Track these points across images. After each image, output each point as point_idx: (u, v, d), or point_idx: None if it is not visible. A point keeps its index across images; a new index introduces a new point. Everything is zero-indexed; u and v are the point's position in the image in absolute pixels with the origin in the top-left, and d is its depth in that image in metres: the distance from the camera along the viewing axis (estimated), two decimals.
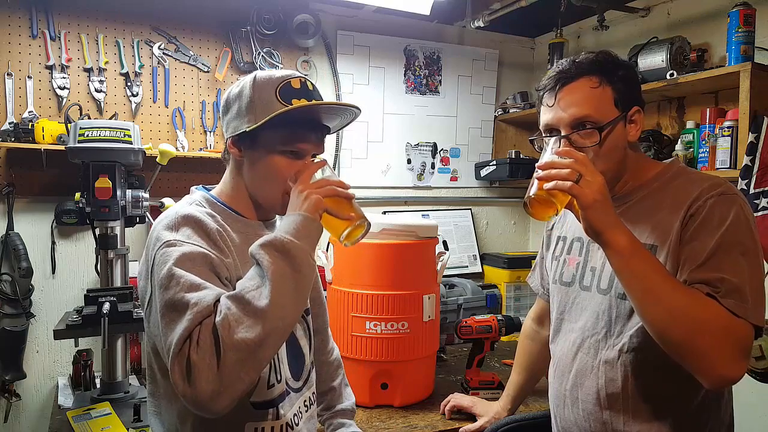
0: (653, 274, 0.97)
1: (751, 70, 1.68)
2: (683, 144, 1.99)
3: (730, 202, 1.02)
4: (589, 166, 1.00)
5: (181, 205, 1.09)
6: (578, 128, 1.10)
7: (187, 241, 0.97)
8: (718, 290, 0.97)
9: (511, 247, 2.98)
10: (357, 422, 1.40)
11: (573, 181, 0.98)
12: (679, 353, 0.98)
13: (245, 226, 1.12)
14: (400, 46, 2.64)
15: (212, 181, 1.20)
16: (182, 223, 1.00)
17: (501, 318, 1.87)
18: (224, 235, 1.04)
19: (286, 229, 0.96)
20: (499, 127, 2.90)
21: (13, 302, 1.99)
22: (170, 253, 0.94)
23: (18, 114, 1.97)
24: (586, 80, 1.10)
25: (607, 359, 1.13)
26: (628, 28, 2.40)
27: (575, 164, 0.99)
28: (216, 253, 0.99)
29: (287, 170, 1.06)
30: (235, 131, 1.08)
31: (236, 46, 2.29)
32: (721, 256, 0.99)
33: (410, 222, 1.80)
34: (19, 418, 2.04)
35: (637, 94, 1.15)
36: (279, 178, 1.07)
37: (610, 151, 1.10)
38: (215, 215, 1.08)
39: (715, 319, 0.95)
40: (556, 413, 1.27)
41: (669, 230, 1.06)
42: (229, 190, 1.15)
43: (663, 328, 0.98)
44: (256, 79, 1.08)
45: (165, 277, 0.92)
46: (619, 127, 1.11)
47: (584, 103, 1.09)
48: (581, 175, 0.98)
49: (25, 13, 1.98)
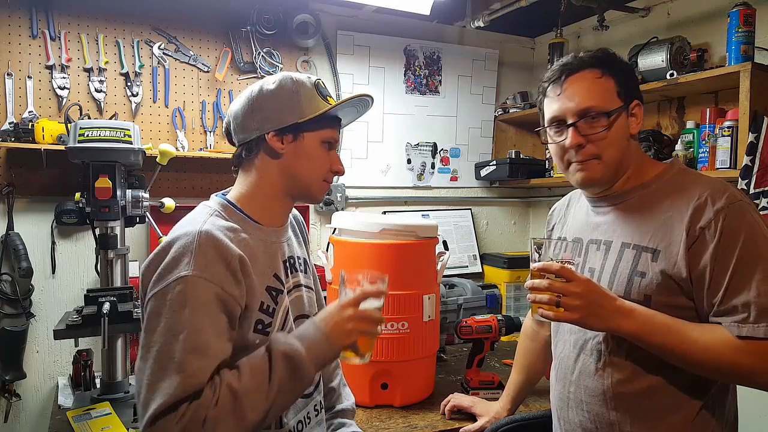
0: (666, 338, 1.03)
1: (751, 70, 1.68)
2: (683, 144, 1.99)
3: (741, 213, 1.03)
4: (564, 283, 1.05)
5: (201, 216, 1.07)
6: (584, 116, 1.12)
7: (203, 275, 0.96)
8: (747, 317, 0.98)
9: (511, 247, 2.97)
10: (357, 422, 1.40)
11: (554, 304, 1.05)
12: (726, 382, 1.09)
13: (264, 233, 1.13)
14: (400, 46, 2.64)
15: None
16: (203, 246, 0.98)
17: (501, 318, 1.86)
18: (245, 260, 1.02)
19: (309, 344, 1.01)
20: (499, 127, 2.90)
21: (13, 302, 1.99)
22: (187, 296, 0.94)
23: (18, 114, 1.98)
24: (589, 72, 1.13)
25: (612, 360, 1.13)
26: (628, 28, 2.40)
27: (552, 287, 1.05)
28: (231, 288, 0.98)
29: (326, 160, 1.15)
30: (278, 124, 1.10)
31: (236, 46, 2.29)
32: (743, 274, 0.99)
33: (410, 222, 1.80)
34: (19, 418, 2.04)
35: (636, 89, 1.18)
36: (324, 164, 1.15)
37: (616, 139, 1.12)
38: (236, 226, 1.07)
39: (745, 355, 0.98)
40: (560, 416, 1.26)
41: (672, 235, 1.06)
42: (247, 193, 1.14)
43: (698, 373, 1.05)
44: (294, 78, 1.13)
45: (174, 323, 0.93)
46: (622, 117, 1.13)
47: (589, 92, 1.12)
48: (560, 296, 1.04)
49: (25, 13, 1.98)
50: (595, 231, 1.22)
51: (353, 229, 1.76)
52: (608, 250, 1.17)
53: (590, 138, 1.12)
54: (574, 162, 1.15)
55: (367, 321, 1.06)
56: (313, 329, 1.03)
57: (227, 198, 1.15)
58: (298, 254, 1.25)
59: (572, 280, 1.04)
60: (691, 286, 1.05)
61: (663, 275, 1.06)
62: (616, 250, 1.15)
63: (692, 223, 1.04)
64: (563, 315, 1.05)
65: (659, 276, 1.07)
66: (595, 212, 1.24)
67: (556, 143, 1.17)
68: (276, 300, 1.10)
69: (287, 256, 1.19)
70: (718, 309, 1.01)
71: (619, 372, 1.12)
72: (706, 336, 1.01)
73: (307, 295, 1.25)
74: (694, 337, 1.01)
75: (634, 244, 1.12)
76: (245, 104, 1.12)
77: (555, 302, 1.04)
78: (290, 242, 1.23)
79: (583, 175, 1.15)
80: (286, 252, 1.19)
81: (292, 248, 1.23)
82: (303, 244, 1.33)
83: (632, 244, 1.12)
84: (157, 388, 0.89)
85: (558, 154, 1.18)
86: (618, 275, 1.13)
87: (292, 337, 1.02)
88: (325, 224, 2.51)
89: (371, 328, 1.06)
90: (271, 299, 1.09)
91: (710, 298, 1.03)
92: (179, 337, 0.91)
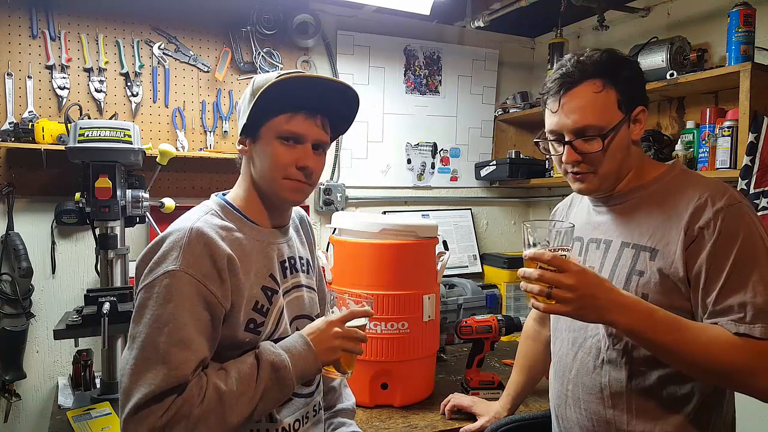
0: (665, 336, 0.99)
1: (751, 70, 1.68)
2: (683, 144, 1.99)
3: (740, 214, 1.02)
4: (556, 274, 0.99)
5: (196, 214, 1.09)
6: (581, 135, 1.11)
7: (189, 271, 0.97)
8: (743, 317, 0.97)
9: (511, 247, 2.97)
10: (357, 422, 1.40)
11: (545, 296, 0.99)
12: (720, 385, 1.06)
13: (260, 234, 1.13)
14: (400, 46, 2.64)
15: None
16: (192, 242, 1.00)
17: (501, 318, 1.87)
18: (233, 260, 1.03)
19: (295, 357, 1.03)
20: (499, 127, 2.90)
21: (13, 302, 1.99)
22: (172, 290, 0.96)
23: (18, 114, 1.97)
24: (589, 84, 1.10)
25: (610, 358, 1.13)
26: (628, 28, 2.40)
27: (542, 277, 0.99)
28: (214, 287, 0.99)
29: (285, 156, 1.08)
30: (240, 127, 1.12)
31: (236, 46, 2.29)
32: (739, 275, 0.99)
33: (410, 222, 1.80)
34: (19, 418, 2.04)
35: (641, 93, 1.15)
36: (279, 164, 1.08)
37: (613, 154, 1.11)
38: (230, 226, 1.09)
39: (744, 354, 0.96)
40: (558, 413, 1.26)
41: (671, 234, 1.06)
42: (242, 194, 1.16)
43: (693, 375, 1.03)
44: (259, 78, 1.11)
45: (160, 315, 0.95)
46: (623, 130, 1.11)
47: (587, 110, 1.09)
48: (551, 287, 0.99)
49: (25, 13, 1.98)
50: (596, 230, 1.22)
51: (353, 229, 1.76)
52: (608, 249, 1.17)
53: (586, 157, 1.11)
54: (571, 173, 1.16)
55: (352, 339, 1.09)
56: (301, 342, 1.05)
57: (225, 198, 1.16)
58: (301, 254, 1.25)
59: (565, 270, 0.98)
60: (688, 286, 1.05)
61: (660, 274, 1.06)
62: (615, 249, 1.16)
63: (691, 223, 1.04)
64: (554, 307, 1.00)
65: (657, 275, 1.07)
66: (596, 212, 1.24)
67: (556, 153, 1.18)
68: (271, 300, 1.11)
69: (287, 257, 1.19)
70: (714, 309, 1.01)
71: (617, 370, 1.12)
72: (706, 334, 0.99)
73: (308, 296, 1.25)
74: (693, 335, 0.99)
75: (633, 244, 1.12)
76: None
77: (546, 293, 0.99)
78: (291, 243, 1.23)
79: (580, 185, 1.17)
80: (285, 252, 1.19)
81: (293, 249, 1.23)
82: (307, 244, 1.32)
83: (631, 244, 1.13)
84: (140, 378, 0.91)
85: (558, 162, 1.20)
86: (617, 274, 1.13)
87: (280, 348, 1.04)
88: (325, 224, 2.51)
89: (354, 347, 1.09)
90: (266, 299, 1.10)
91: (705, 298, 1.02)
92: (164, 329, 0.93)
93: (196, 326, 0.96)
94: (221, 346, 1.03)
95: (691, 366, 1.00)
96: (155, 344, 0.93)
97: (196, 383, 0.94)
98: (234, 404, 0.95)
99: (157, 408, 0.90)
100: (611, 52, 1.13)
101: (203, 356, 0.97)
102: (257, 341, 1.07)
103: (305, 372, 1.04)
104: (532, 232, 1.04)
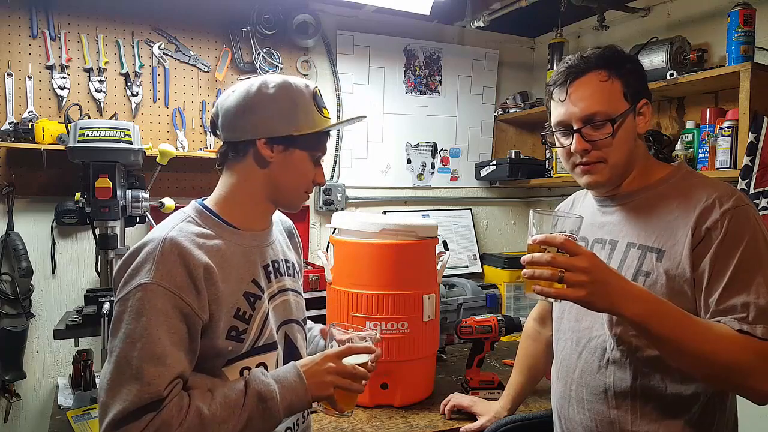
0: (674, 328, 0.96)
1: (751, 70, 1.68)
2: (683, 144, 1.99)
3: (746, 216, 1.02)
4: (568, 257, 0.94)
5: (172, 222, 1.06)
6: (590, 122, 1.11)
7: (162, 283, 0.95)
8: (745, 317, 0.97)
9: (511, 247, 2.98)
10: (357, 422, 1.39)
11: (556, 281, 0.94)
12: (716, 385, 1.04)
13: (241, 239, 1.11)
14: (400, 46, 2.64)
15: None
16: (165, 254, 0.97)
17: (501, 318, 1.86)
18: (210, 269, 1.01)
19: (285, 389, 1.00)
20: (499, 127, 2.91)
21: (13, 302, 1.99)
22: (145, 304, 0.94)
23: (18, 114, 1.98)
24: (595, 74, 1.11)
25: (615, 358, 1.13)
26: (628, 28, 2.40)
27: (554, 261, 0.94)
28: (190, 298, 0.97)
29: (311, 173, 1.16)
30: (271, 132, 1.08)
31: (236, 46, 2.29)
32: (743, 276, 0.99)
33: (410, 222, 1.80)
34: (19, 418, 2.04)
35: (644, 87, 1.16)
36: (307, 179, 1.15)
37: (622, 143, 1.11)
38: (208, 232, 1.06)
39: (747, 352, 0.95)
40: (560, 414, 1.26)
41: (677, 235, 1.06)
42: (227, 197, 1.12)
43: (694, 372, 1.01)
44: (294, 85, 1.10)
45: (133, 330, 0.93)
46: (629, 119, 1.12)
47: (595, 97, 1.10)
48: (563, 271, 0.94)
49: (25, 13, 1.98)
50: (601, 230, 1.22)
51: (353, 229, 1.76)
52: (613, 250, 1.17)
53: (596, 144, 1.11)
54: (580, 165, 1.15)
55: (348, 376, 1.05)
56: (293, 374, 1.02)
57: (204, 203, 1.12)
58: (287, 257, 1.23)
59: (577, 253, 0.94)
60: (694, 287, 1.04)
61: (667, 275, 1.06)
62: (621, 250, 1.15)
63: (698, 224, 1.04)
64: (565, 292, 0.94)
65: (663, 276, 1.06)
66: (601, 212, 1.24)
67: (562, 146, 1.17)
68: (254, 306, 1.08)
69: (270, 260, 1.16)
70: (716, 308, 1.00)
71: (622, 371, 1.12)
72: (713, 330, 0.98)
73: (295, 300, 1.22)
74: (701, 329, 0.97)
75: (640, 244, 1.12)
76: (239, 101, 1.08)
77: (557, 278, 0.93)
78: (275, 246, 1.20)
79: (590, 178, 1.15)
80: (269, 256, 1.16)
81: (277, 252, 1.20)
82: (293, 247, 1.30)
83: (638, 244, 1.12)
84: (116, 394, 0.90)
85: (565, 156, 1.18)
86: (623, 274, 1.12)
87: (271, 377, 1.01)
88: (325, 224, 2.51)
89: (350, 385, 1.05)
90: (249, 305, 1.07)
91: (707, 297, 1.02)
92: (137, 344, 0.92)
93: (171, 339, 0.94)
94: (203, 356, 1.00)
95: (695, 361, 0.98)
96: (129, 360, 0.91)
97: (176, 403, 0.92)
98: (215, 430, 0.93)
99: (134, 426, 0.88)
100: (614, 48, 1.15)
101: (180, 370, 0.94)
102: (241, 349, 1.04)
103: (294, 405, 1.01)
104: (538, 222, 1.01)
